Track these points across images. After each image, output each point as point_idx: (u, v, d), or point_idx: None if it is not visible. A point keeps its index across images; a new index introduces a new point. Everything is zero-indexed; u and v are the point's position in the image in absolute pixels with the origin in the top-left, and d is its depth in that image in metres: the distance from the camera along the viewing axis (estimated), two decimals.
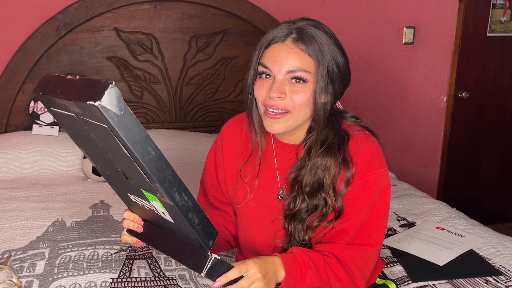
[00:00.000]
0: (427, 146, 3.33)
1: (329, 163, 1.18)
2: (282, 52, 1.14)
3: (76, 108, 0.86)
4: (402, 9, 3.07)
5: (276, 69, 1.15)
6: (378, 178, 1.20)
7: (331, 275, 1.17)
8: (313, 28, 1.16)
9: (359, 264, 1.20)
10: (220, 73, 2.85)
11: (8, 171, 2.32)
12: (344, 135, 1.22)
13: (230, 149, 1.35)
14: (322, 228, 1.21)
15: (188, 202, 0.93)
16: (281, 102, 1.15)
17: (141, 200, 1.06)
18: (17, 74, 2.56)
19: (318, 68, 1.14)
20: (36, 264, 1.54)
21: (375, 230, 1.21)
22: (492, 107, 3.32)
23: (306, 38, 1.14)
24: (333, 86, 1.18)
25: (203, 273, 0.99)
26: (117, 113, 0.79)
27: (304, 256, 1.15)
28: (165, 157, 0.88)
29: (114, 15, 2.64)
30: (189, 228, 0.96)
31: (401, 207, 2.08)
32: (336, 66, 1.16)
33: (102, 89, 0.77)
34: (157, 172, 0.87)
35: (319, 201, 1.18)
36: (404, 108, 3.22)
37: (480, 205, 3.36)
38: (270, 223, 1.27)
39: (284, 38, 1.15)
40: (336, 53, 1.17)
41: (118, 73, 2.70)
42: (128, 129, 0.81)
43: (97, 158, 1.07)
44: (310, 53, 1.14)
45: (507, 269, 1.57)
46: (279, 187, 1.28)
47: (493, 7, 3.15)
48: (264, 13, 2.81)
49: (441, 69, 3.21)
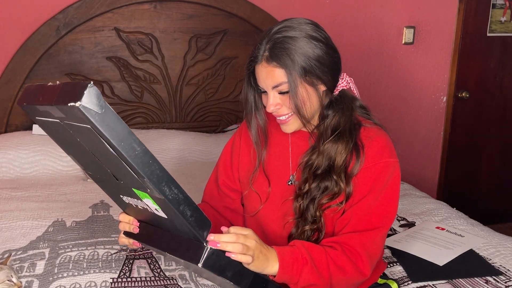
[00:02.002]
0: (427, 146, 3.33)
1: (340, 148, 1.23)
2: (262, 73, 1.23)
3: (59, 113, 0.87)
4: (402, 9, 3.07)
5: (265, 87, 1.24)
6: (389, 166, 1.24)
7: (333, 270, 1.17)
8: (282, 34, 1.21)
9: (370, 251, 1.21)
10: (220, 73, 2.85)
11: (8, 171, 2.32)
12: (356, 123, 1.28)
13: (248, 139, 1.41)
14: (333, 210, 1.24)
15: (179, 195, 0.94)
16: (280, 111, 1.25)
17: (134, 200, 1.07)
18: (17, 74, 2.56)
19: (289, 74, 1.20)
20: (36, 264, 1.54)
21: (383, 213, 1.23)
22: (492, 107, 3.32)
23: (275, 53, 1.20)
24: (316, 76, 1.22)
25: (200, 264, 1.00)
26: (98, 112, 0.80)
27: (303, 250, 1.16)
28: (150, 152, 0.89)
29: (114, 15, 2.64)
30: (182, 221, 0.97)
31: (401, 207, 2.08)
32: (314, 59, 1.21)
33: (81, 90, 0.79)
34: (144, 167, 0.88)
35: (330, 183, 1.23)
36: (404, 108, 3.22)
37: (480, 205, 3.36)
38: (280, 206, 1.31)
39: (260, 60, 1.23)
40: (311, 48, 1.21)
41: (118, 73, 2.70)
42: (111, 127, 0.83)
43: (86, 164, 1.08)
44: (281, 65, 1.20)
45: (507, 269, 1.57)
46: (290, 172, 1.33)
47: (493, 7, 3.15)
48: (264, 13, 2.81)
49: (441, 69, 3.21)
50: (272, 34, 1.23)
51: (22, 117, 2.60)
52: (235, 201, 1.46)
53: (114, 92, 2.71)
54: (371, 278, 1.37)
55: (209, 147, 2.63)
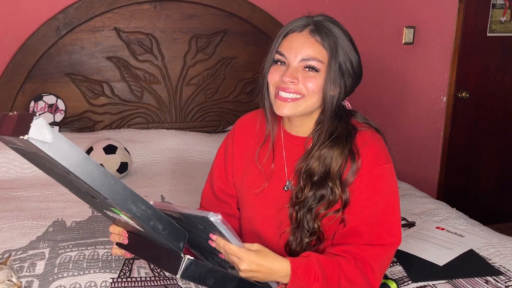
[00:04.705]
0: (427, 146, 3.33)
1: (336, 153, 1.22)
2: (298, 41, 1.21)
3: (19, 143, 0.88)
4: (402, 9, 3.07)
5: (291, 57, 1.21)
6: (385, 172, 1.22)
7: (344, 284, 1.17)
8: (330, 23, 1.23)
9: (383, 265, 1.21)
10: (220, 73, 2.85)
11: (8, 171, 2.32)
12: (352, 129, 1.26)
13: (241, 143, 1.40)
14: (330, 218, 1.22)
15: (147, 211, 0.95)
16: (293, 87, 1.20)
17: (115, 215, 1.08)
18: (17, 74, 2.56)
19: (330, 59, 1.20)
20: (36, 264, 1.54)
21: (395, 226, 1.23)
22: (492, 107, 3.32)
23: (322, 30, 1.21)
24: (344, 81, 1.23)
25: (178, 275, 1.00)
26: (48, 142, 0.81)
27: (317, 267, 1.14)
28: (110, 173, 0.90)
29: (114, 15, 2.64)
30: (156, 235, 0.98)
31: (401, 207, 2.07)
32: (349, 62, 1.22)
33: (28, 122, 0.79)
34: (106, 189, 0.88)
35: (326, 191, 1.21)
36: (404, 108, 3.22)
37: (480, 205, 3.36)
38: (276, 213, 1.29)
39: (302, 29, 1.22)
40: (350, 49, 1.23)
41: (118, 73, 2.70)
42: (64, 155, 0.83)
43: (65, 184, 1.09)
44: (324, 44, 1.20)
45: (507, 269, 1.57)
46: (286, 178, 1.31)
47: (493, 7, 3.15)
48: (264, 13, 2.81)
49: (441, 69, 3.21)
50: (318, 17, 1.24)
51: None
52: (231, 206, 1.45)
53: (114, 92, 2.71)
54: None
55: (209, 147, 2.63)
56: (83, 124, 2.70)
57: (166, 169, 2.49)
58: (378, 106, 3.13)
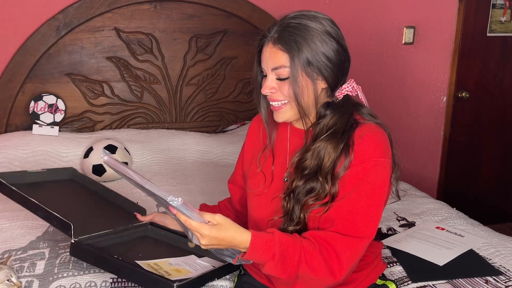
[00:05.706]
0: (427, 146, 3.33)
1: (329, 148, 1.23)
2: (266, 53, 1.26)
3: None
4: (402, 9, 3.07)
5: (266, 69, 1.27)
6: (378, 165, 1.21)
7: (303, 268, 1.16)
8: (299, 19, 1.25)
9: (352, 256, 1.18)
10: (220, 73, 2.85)
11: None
12: (353, 123, 1.26)
13: (250, 138, 1.48)
14: (318, 210, 1.23)
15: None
16: (274, 95, 1.27)
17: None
18: (17, 74, 2.56)
19: (292, 61, 1.22)
20: (36, 264, 1.54)
21: (372, 220, 1.21)
22: (492, 107, 3.32)
23: (286, 34, 1.23)
24: (321, 73, 1.24)
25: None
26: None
27: (277, 245, 1.15)
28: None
29: (114, 15, 2.64)
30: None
31: (401, 207, 2.08)
32: (321, 54, 1.23)
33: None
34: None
35: (316, 184, 1.22)
36: (404, 108, 3.22)
37: (480, 205, 3.36)
38: (271, 202, 1.32)
39: (268, 40, 1.26)
40: (323, 40, 1.23)
41: (118, 73, 2.70)
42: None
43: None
44: (285, 49, 1.22)
45: (507, 269, 1.57)
46: (287, 169, 1.33)
47: (493, 7, 3.15)
48: (264, 13, 2.81)
49: (441, 69, 3.21)
50: (288, 19, 1.26)
51: (22, 117, 2.60)
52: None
53: (114, 92, 2.71)
54: (370, 279, 1.37)
55: (209, 147, 2.63)
56: (83, 124, 2.70)
57: (166, 169, 2.49)
58: (378, 106, 3.13)
